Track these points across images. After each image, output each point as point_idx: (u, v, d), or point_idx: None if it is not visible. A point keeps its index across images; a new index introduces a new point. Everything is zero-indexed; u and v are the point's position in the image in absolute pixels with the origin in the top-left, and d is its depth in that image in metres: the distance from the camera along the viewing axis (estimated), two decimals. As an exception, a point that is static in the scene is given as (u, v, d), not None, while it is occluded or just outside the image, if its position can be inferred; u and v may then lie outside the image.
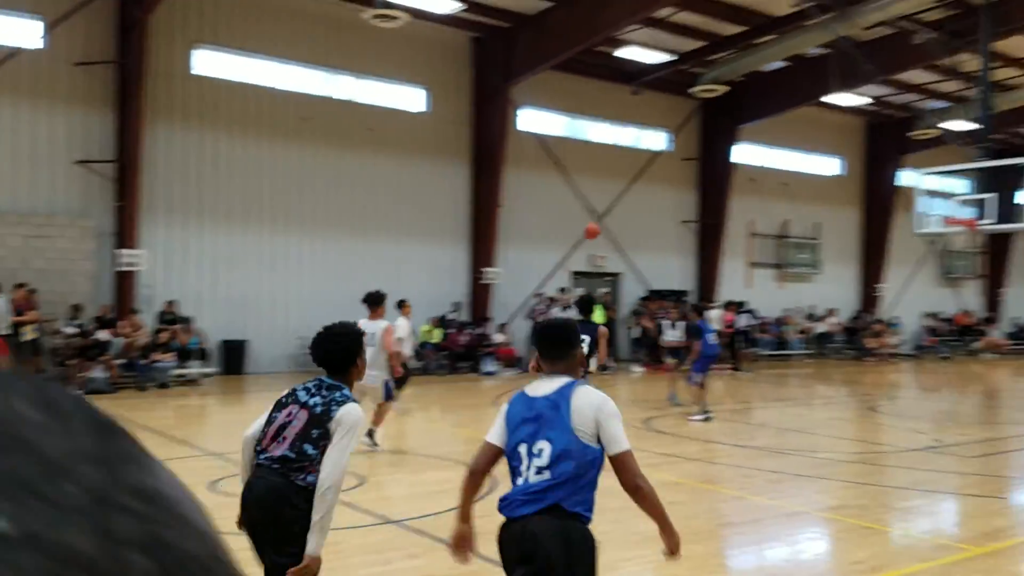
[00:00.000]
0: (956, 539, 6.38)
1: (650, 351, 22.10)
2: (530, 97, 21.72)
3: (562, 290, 21.56)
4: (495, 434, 3.39)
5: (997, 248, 31.86)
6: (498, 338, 20.03)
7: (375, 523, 6.33)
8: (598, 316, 15.03)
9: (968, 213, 13.61)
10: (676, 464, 9.03)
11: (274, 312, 18.27)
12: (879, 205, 28.21)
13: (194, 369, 16.24)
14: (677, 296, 23.34)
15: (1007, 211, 13.86)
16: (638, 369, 21.15)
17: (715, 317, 21.64)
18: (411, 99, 20.12)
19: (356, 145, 19.20)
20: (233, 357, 17.56)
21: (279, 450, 3.55)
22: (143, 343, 15.56)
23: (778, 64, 22.29)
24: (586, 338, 8.98)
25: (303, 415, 3.61)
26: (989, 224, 12.85)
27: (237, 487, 7.47)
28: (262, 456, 3.61)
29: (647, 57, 19.62)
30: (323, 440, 3.52)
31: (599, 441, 3.18)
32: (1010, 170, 13.74)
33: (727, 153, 24.34)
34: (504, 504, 3.29)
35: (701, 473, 8.63)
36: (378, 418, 9.35)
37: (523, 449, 3.24)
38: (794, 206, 26.88)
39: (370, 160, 19.42)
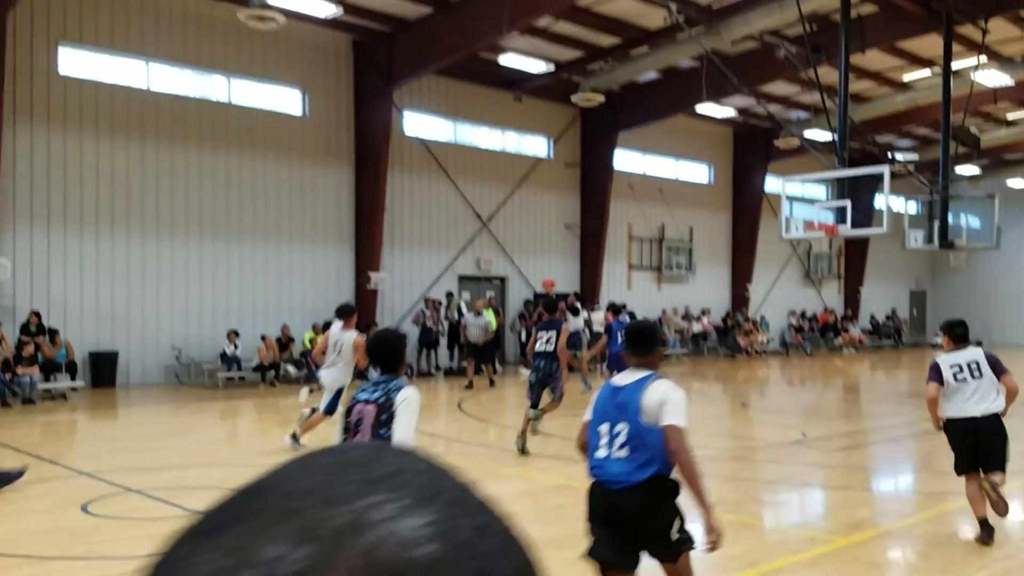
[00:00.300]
0: (824, 531, 6.80)
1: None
2: (413, 101, 21.69)
3: (449, 295, 21.61)
4: (588, 412, 4.24)
5: (854, 250, 34.00)
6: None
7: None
8: (491, 319, 15.30)
9: (828, 219, 14.48)
10: (566, 467, 9.23)
11: (146, 322, 17.53)
12: (747, 210, 29.61)
13: (62, 383, 15.40)
14: (562, 298, 23.79)
15: (864, 216, 14.85)
16: (525, 371, 21.38)
17: (598, 319, 22.25)
18: (289, 101, 19.72)
19: (233, 148, 18.66)
20: (103, 370, 16.74)
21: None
22: (5, 356, 14.63)
23: (653, 75, 23.08)
24: (552, 335, 10.04)
25: (370, 409, 4.30)
26: (846, 229, 13.70)
27: (111, 508, 7.18)
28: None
29: (528, 65, 19.94)
30: (391, 423, 4.24)
31: (657, 421, 3.90)
32: (865, 178, 14.73)
33: (607, 159, 25.00)
34: (590, 466, 4.15)
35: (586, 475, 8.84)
36: (309, 425, 9.94)
37: (604, 428, 4.06)
38: (669, 211, 27.87)
39: (248, 163, 18.92)
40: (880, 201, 13.83)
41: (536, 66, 19.91)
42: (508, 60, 19.40)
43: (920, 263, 37.24)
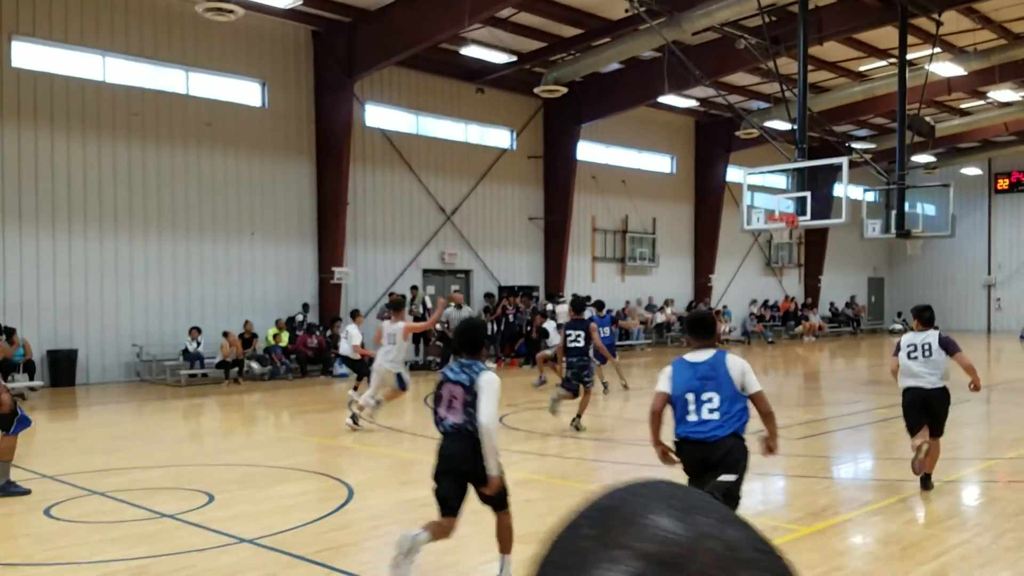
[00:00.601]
0: (786, 520, 6.92)
1: (503, 346, 22.52)
2: (375, 93, 21.54)
3: (413, 288, 21.53)
4: (664, 385, 5.11)
5: (814, 239, 34.51)
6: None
7: (227, 543, 6.15)
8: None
9: (789, 209, 14.68)
10: (530, 461, 9.28)
11: (106, 319, 17.25)
12: (709, 201, 29.88)
13: (20, 383, 15.09)
14: (527, 291, 23.89)
15: (823, 206, 15.08)
16: (491, 364, 21.39)
17: (562, 312, 22.32)
18: (248, 93, 19.48)
19: (192, 141, 18.39)
20: (62, 368, 16.45)
21: (453, 417, 5.13)
22: (-43, 358, 14.31)
23: (616, 66, 23.16)
24: (581, 333, 10.64)
25: (459, 390, 5.10)
26: (806, 220, 13.90)
27: (74, 511, 7.07)
28: (446, 423, 5.20)
29: (490, 56, 19.88)
30: (476, 401, 5.01)
31: (743, 388, 4.94)
32: (825, 168, 14.96)
33: (570, 151, 25.05)
34: (686, 430, 5.02)
35: (554, 469, 8.91)
36: (392, 395, 11.52)
37: (691, 397, 4.97)
38: (632, 202, 28.03)
39: (207, 157, 18.66)
40: (839, 191, 14.07)
41: (498, 57, 19.87)
42: (470, 51, 19.34)
43: (878, 251, 37.93)
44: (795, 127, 14.89)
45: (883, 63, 23.17)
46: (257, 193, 19.45)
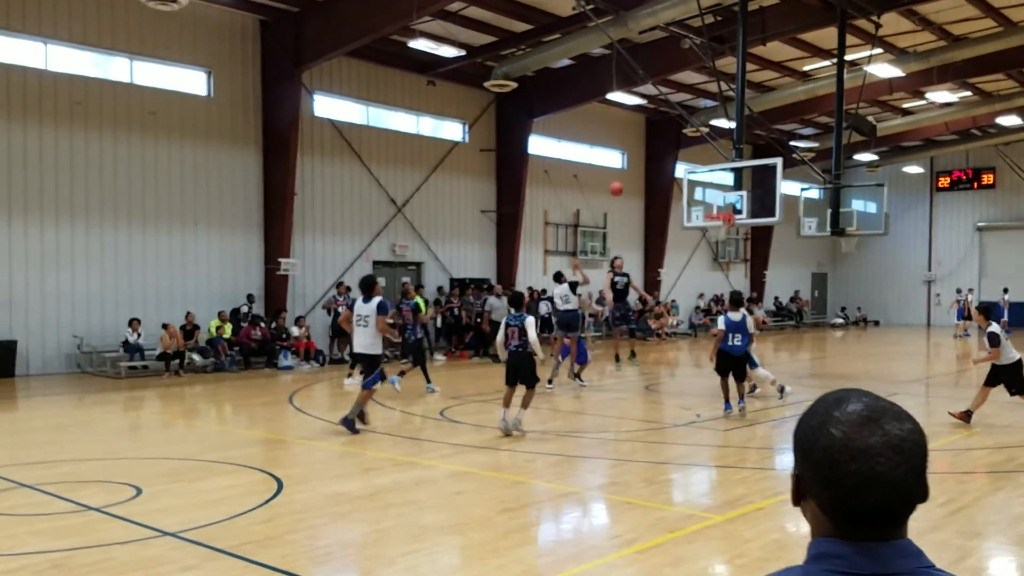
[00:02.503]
0: (702, 508, 7.18)
1: (453, 338, 22.64)
2: (324, 83, 21.46)
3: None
4: (721, 325, 11.85)
5: (760, 235, 35.16)
6: (295, 331, 19.72)
7: (149, 536, 6.21)
8: (422, 306, 15.44)
9: (728, 207, 15.00)
10: (466, 454, 9.45)
11: (46, 310, 17.02)
12: (658, 196, 30.29)
13: (-48, 376, 14.85)
14: (478, 284, 24.02)
15: (766, 205, 15.42)
16: (440, 357, 21.57)
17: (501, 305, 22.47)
18: (194, 83, 19.29)
19: (135, 130, 18.18)
20: (0, 359, 16.20)
21: (514, 343, 10.23)
22: None
23: (567, 62, 23.36)
24: (516, 328, 11.28)
25: (515, 329, 10.21)
26: (743, 218, 14.23)
27: (13, 503, 7.05)
28: (511, 347, 10.30)
29: (440, 49, 19.93)
30: (524, 335, 10.14)
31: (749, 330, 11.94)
32: (767, 166, 15.28)
33: (522, 145, 25.20)
34: (726, 347, 11.70)
35: (488, 461, 9.08)
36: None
37: (731, 334, 11.68)
38: (584, 196, 28.30)
39: (151, 146, 18.46)
40: (781, 189, 14.41)
41: (448, 51, 19.91)
42: (419, 44, 19.35)
43: (821, 247, 38.74)
44: (734, 128, 15.20)
45: (826, 63, 23.67)
46: (202, 183, 19.30)
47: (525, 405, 10.36)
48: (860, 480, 1.18)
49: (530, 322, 10.16)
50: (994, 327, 10.82)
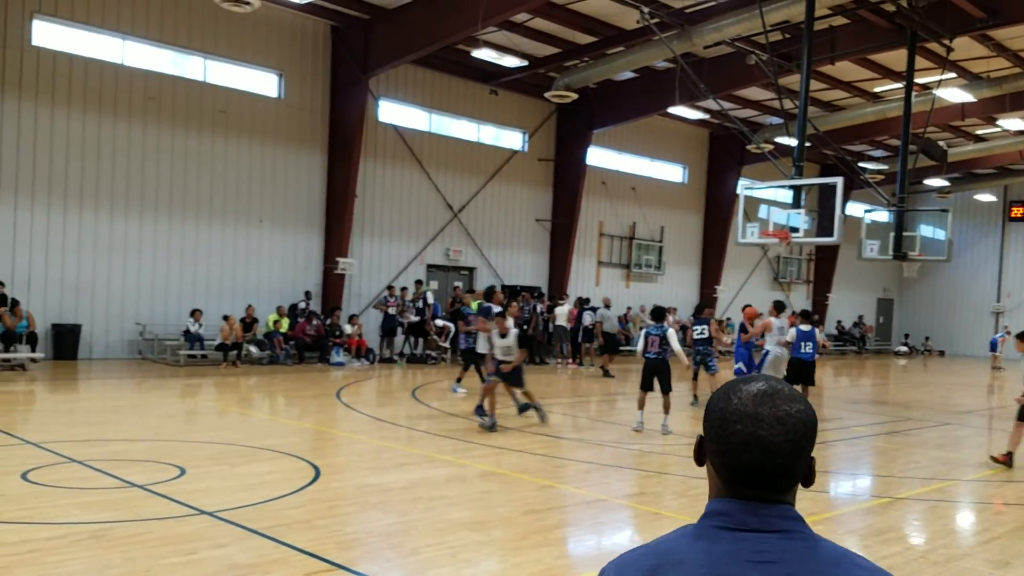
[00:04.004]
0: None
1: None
2: (390, 90, 21.89)
3: (418, 282, 21.85)
4: (793, 337, 13.80)
5: (824, 256, 34.52)
6: (348, 329, 20.10)
7: (187, 515, 6.47)
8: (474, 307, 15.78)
9: (786, 225, 14.84)
10: (499, 455, 9.55)
11: (112, 297, 17.71)
12: (718, 212, 30.01)
13: (21, 354, 15.56)
14: (532, 291, 24.13)
15: (824, 225, 15.21)
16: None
17: (562, 313, 22.56)
18: (265, 84, 19.88)
19: (206, 128, 18.81)
20: (65, 342, 16.91)
21: (655, 350, 11.41)
22: (-37, 326, 14.77)
23: (629, 75, 23.38)
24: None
25: (656, 338, 11.38)
26: (800, 237, 14.06)
27: (50, 477, 7.41)
28: (649, 354, 11.47)
29: (504, 59, 20.16)
30: (665, 343, 11.29)
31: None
32: (832, 186, 15.08)
33: (581, 156, 25.29)
34: (798, 355, 13.76)
35: (519, 464, 9.16)
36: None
37: (802, 343, 13.75)
38: (641, 209, 28.22)
39: (220, 144, 19.08)
40: (850, 210, 14.22)
41: (510, 61, 20.13)
42: (483, 54, 19.61)
43: (888, 272, 37.84)
44: (795, 145, 15.03)
45: (897, 85, 23.19)
46: (268, 181, 19.85)
47: (667, 410, 11.63)
48: (742, 439, 1.34)
49: (672, 333, 11.39)
50: None
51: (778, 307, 14.57)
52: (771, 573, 1.29)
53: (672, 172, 29.67)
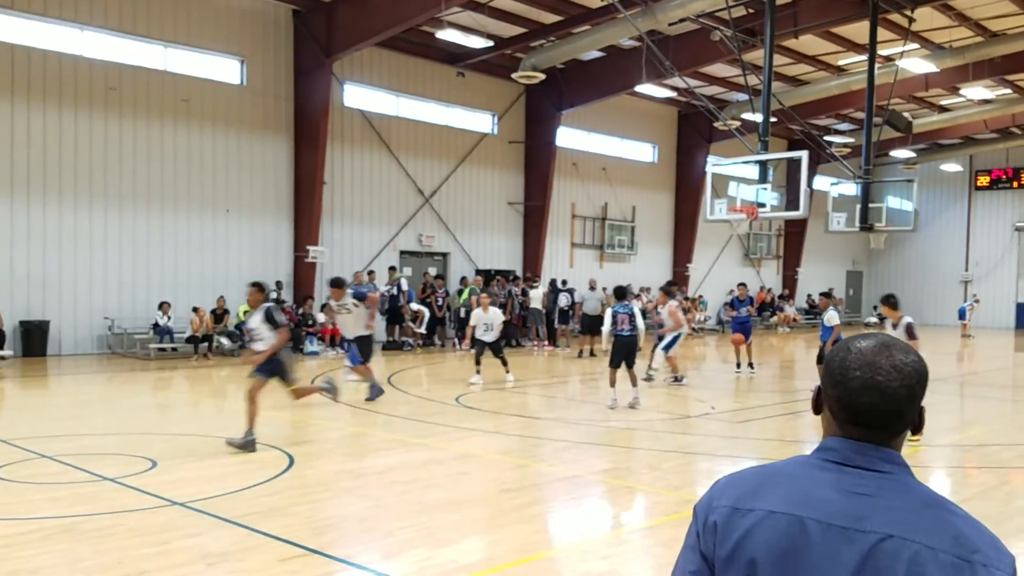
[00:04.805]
0: (699, 494, 7.21)
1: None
2: (355, 73, 21.69)
3: (391, 269, 21.74)
4: (838, 320, 13.74)
5: (793, 231, 34.81)
6: (321, 317, 19.97)
7: (159, 506, 6.42)
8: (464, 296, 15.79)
9: (753, 201, 14.93)
10: (475, 437, 9.57)
11: (79, 292, 17.46)
12: (688, 190, 30.13)
13: (-12, 353, 15.32)
14: (507, 275, 24.11)
15: (791, 200, 15.30)
16: (464, 347, 21.70)
17: (536, 296, 22.59)
18: (226, 70, 19.61)
19: (168, 117, 18.54)
20: (33, 339, 16.67)
21: (625, 329, 11.43)
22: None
23: (596, 54, 23.33)
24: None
25: (625, 316, 11.46)
26: (768, 212, 14.16)
27: (19, 472, 7.30)
28: (621, 332, 11.49)
29: (469, 40, 20.01)
30: (634, 319, 11.42)
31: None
32: (797, 160, 15.17)
33: (551, 137, 25.24)
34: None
35: (495, 445, 9.18)
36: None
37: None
38: (612, 189, 28.26)
39: (184, 132, 18.82)
40: (818, 184, 14.31)
41: (476, 42, 20.00)
42: (447, 35, 19.46)
43: (858, 245, 38.24)
44: (760, 120, 15.11)
45: (861, 57, 23.36)
46: (233, 170, 19.63)
47: (635, 383, 11.84)
48: (861, 383, 1.48)
49: (637, 311, 11.72)
50: None
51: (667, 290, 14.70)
52: (864, 504, 1.42)
53: (642, 151, 29.72)
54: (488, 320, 13.97)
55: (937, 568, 1.35)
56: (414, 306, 21.05)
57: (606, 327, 11.70)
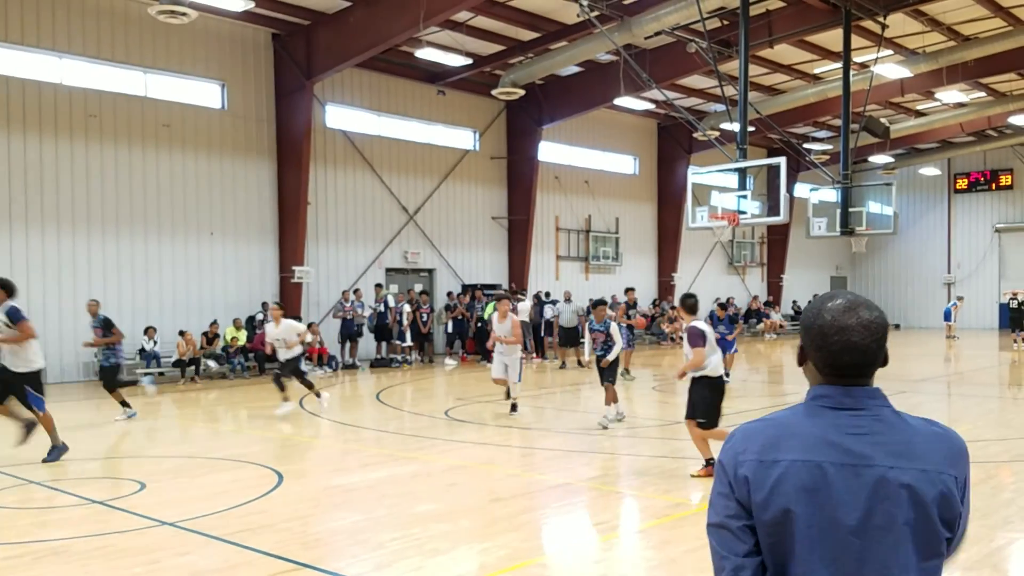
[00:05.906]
0: (687, 497, 7.26)
1: (465, 342, 22.84)
2: (336, 94, 21.78)
3: (378, 286, 21.76)
4: None
5: (776, 238, 35.06)
6: (308, 338, 19.91)
7: (148, 526, 6.41)
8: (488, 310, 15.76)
9: (735, 209, 15.08)
10: (464, 450, 9.59)
11: (63, 319, 17.38)
12: (671, 200, 30.33)
13: (-28, 383, 15.17)
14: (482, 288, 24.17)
15: (772, 206, 15.46)
16: (451, 362, 21.76)
17: (523, 309, 22.63)
18: (208, 95, 19.66)
19: (150, 142, 18.55)
20: (18, 369, 16.52)
21: (598, 348, 11.18)
22: (-90, 358, 14.36)
23: (575, 69, 23.54)
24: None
25: (600, 335, 11.10)
26: (748, 219, 14.30)
27: (7, 499, 7.26)
28: (597, 350, 11.15)
29: (448, 59, 20.17)
30: (609, 338, 11.01)
31: None
32: (777, 168, 15.35)
33: (532, 152, 25.39)
34: None
35: (485, 456, 9.21)
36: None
37: None
38: (595, 202, 28.42)
39: (166, 158, 18.82)
40: (798, 192, 14.50)
41: (454, 60, 20.15)
42: (426, 54, 19.61)
43: (840, 250, 38.54)
44: (737, 129, 15.28)
45: (836, 65, 23.65)
46: (217, 193, 19.63)
47: (615, 400, 11.24)
48: (841, 346, 1.77)
49: (615, 328, 11.32)
50: None
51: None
52: (865, 442, 1.73)
53: (623, 163, 29.93)
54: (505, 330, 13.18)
55: (930, 485, 1.68)
56: (406, 311, 21.20)
57: (587, 344, 11.63)
